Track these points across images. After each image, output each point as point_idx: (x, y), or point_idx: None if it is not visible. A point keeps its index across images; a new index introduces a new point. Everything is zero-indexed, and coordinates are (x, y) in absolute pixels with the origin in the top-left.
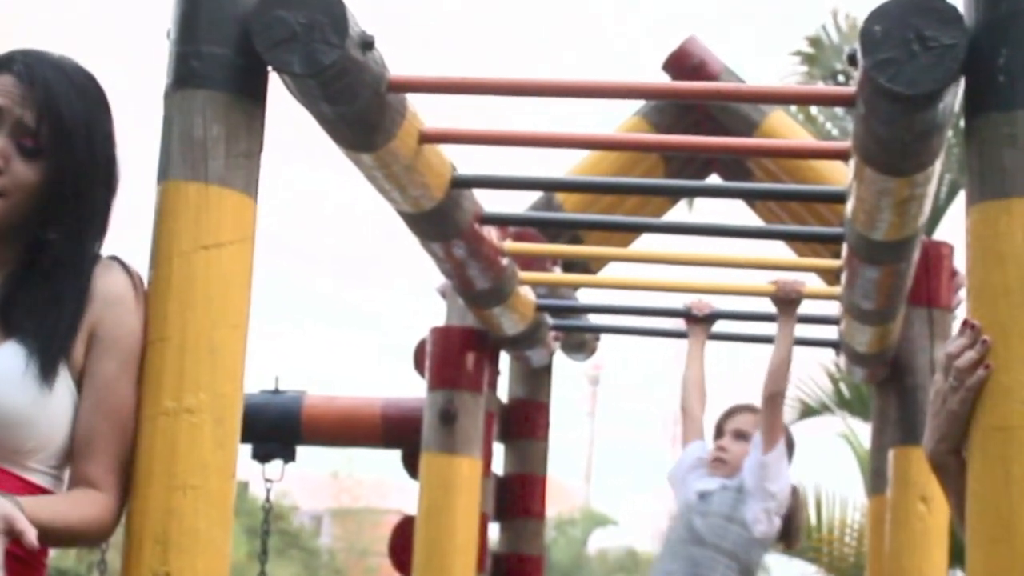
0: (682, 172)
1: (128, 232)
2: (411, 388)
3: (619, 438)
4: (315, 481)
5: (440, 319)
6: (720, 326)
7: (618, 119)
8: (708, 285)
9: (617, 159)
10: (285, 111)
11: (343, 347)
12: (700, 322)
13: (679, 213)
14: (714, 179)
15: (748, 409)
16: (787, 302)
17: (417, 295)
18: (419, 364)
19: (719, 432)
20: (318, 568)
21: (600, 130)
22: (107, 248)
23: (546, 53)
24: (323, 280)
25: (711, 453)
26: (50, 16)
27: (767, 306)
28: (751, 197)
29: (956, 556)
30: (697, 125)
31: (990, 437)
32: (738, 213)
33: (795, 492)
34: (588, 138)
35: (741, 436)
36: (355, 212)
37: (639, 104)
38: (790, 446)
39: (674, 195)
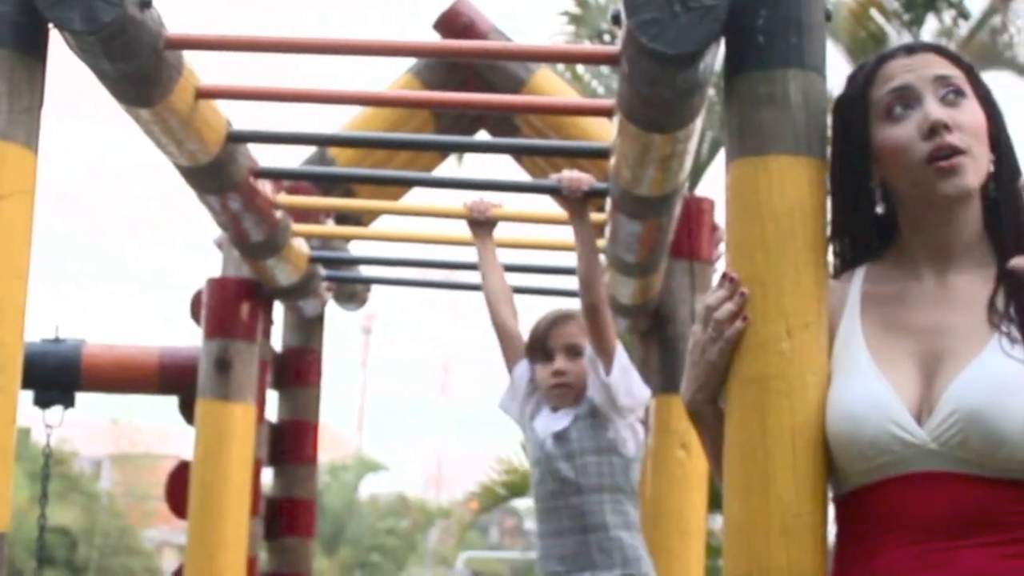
0: (452, 128)
1: None
2: (190, 339)
3: (391, 387)
4: (95, 427)
5: (217, 271)
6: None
7: (390, 77)
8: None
9: (389, 116)
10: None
11: (123, 303)
12: (483, 225)
13: (449, 168)
14: (483, 135)
15: (570, 317)
16: (574, 201)
17: (196, 249)
18: (196, 314)
19: (545, 352)
20: (98, 511)
21: (373, 87)
22: None
23: (324, 13)
24: (105, 236)
25: (548, 381)
26: None
27: (543, 259)
28: (518, 152)
29: (715, 501)
30: (466, 83)
31: (747, 388)
32: (506, 168)
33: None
34: (361, 95)
35: (574, 351)
36: (136, 167)
37: (411, 63)
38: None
39: (444, 150)
